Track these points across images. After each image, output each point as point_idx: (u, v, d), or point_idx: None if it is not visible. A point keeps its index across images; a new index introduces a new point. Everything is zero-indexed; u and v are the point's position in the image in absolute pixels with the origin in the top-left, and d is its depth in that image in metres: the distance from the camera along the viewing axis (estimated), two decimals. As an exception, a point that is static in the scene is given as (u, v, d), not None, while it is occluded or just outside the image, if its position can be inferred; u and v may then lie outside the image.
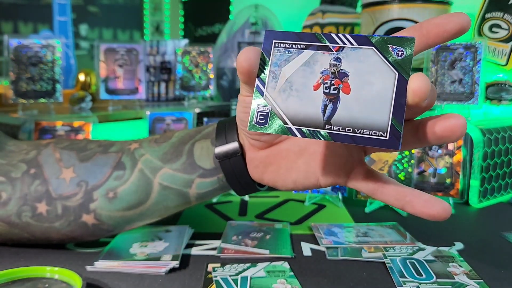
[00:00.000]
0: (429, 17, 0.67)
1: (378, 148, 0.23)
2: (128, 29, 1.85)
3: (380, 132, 0.22)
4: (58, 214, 0.37)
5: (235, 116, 0.36)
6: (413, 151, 0.54)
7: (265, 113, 0.24)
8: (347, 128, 0.23)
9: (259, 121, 0.24)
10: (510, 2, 0.68)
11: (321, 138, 0.23)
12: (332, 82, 0.23)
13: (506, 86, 0.67)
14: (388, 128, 0.22)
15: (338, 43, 0.23)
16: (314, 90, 0.24)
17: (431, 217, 0.25)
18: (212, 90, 0.85)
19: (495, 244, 0.43)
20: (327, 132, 0.23)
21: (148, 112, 0.67)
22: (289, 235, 0.44)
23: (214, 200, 0.57)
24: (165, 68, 0.92)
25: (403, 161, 0.55)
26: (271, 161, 0.32)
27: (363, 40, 0.23)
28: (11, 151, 0.40)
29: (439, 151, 0.55)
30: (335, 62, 0.23)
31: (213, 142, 0.36)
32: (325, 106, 0.23)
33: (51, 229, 0.38)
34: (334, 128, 0.23)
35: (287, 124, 0.24)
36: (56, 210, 0.37)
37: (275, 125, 0.24)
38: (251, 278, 0.34)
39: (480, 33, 0.72)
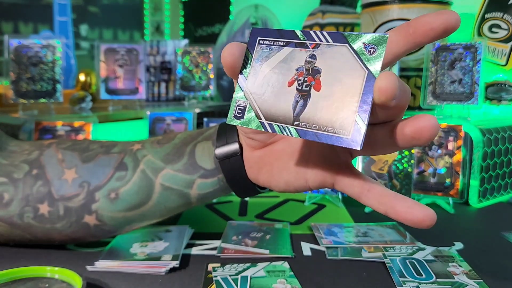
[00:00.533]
0: (429, 17, 0.67)
1: (340, 147, 0.22)
2: (128, 29, 1.85)
3: (344, 131, 0.22)
4: (60, 215, 0.37)
5: None
6: (412, 150, 0.54)
7: (243, 107, 0.25)
8: (313, 125, 0.23)
9: (237, 114, 0.25)
10: (510, 2, 0.68)
11: (290, 134, 0.23)
12: (305, 78, 0.23)
13: (506, 86, 0.67)
14: (351, 126, 0.22)
15: (315, 40, 0.23)
16: (288, 86, 0.24)
17: (413, 223, 0.24)
18: (212, 90, 0.85)
19: (495, 244, 0.43)
20: (295, 128, 0.23)
21: (148, 112, 0.67)
22: (289, 235, 0.44)
23: (214, 200, 0.57)
24: (165, 68, 0.92)
25: (403, 161, 0.55)
26: (265, 162, 0.33)
27: (338, 37, 0.23)
28: (13, 152, 0.40)
29: (439, 151, 0.55)
30: (310, 59, 0.23)
31: (214, 143, 0.36)
32: (297, 102, 0.23)
33: (53, 230, 0.38)
34: (302, 124, 0.23)
35: (261, 119, 0.24)
36: (58, 211, 0.37)
37: (250, 120, 0.25)
38: (251, 278, 0.35)
39: (479, 33, 0.72)
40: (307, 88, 0.23)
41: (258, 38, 0.25)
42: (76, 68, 1.04)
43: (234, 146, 0.34)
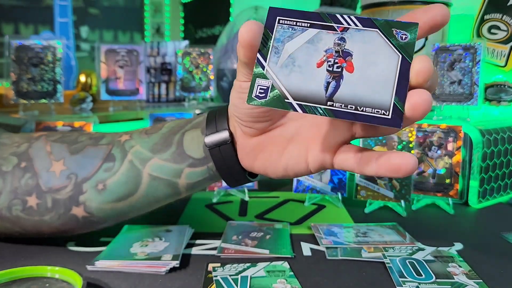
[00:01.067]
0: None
1: (379, 126, 0.23)
2: (129, 30, 1.85)
3: (383, 111, 0.22)
4: (48, 207, 0.37)
5: (225, 105, 0.35)
6: (412, 151, 0.54)
7: (265, 87, 0.24)
8: (349, 106, 0.23)
9: (259, 94, 0.24)
10: (509, 4, 0.68)
11: (323, 114, 0.23)
12: (336, 60, 0.24)
13: (505, 87, 0.67)
14: (390, 107, 0.22)
15: (343, 24, 0.24)
16: (317, 67, 0.24)
17: (391, 171, 0.25)
18: (212, 91, 0.85)
19: (494, 244, 0.43)
20: (329, 108, 0.23)
21: (148, 113, 0.68)
22: (289, 235, 0.44)
23: (214, 200, 0.57)
24: (166, 69, 0.92)
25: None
26: (262, 148, 0.32)
27: (367, 23, 0.23)
28: (3, 144, 0.40)
29: (439, 151, 0.55)
30: (339, 41, 0.24)
31: (203, 131, 0.36)
32: (328, 83, 0.23)
33: (41, 222, 0.38)
34: (336, 105, 0.23)
35: (288, 99, 0.24)
36: (46, 203, 0.37)
37: (275, 99, 0.24)
38: (251, 277, 0.35)
39: (479, 34, 0.72)
40: (339, 70, 0.23)
41: (278, 17, 0.25)
42: (77, 69, 1.04)
43: (224, 134, 0.34)
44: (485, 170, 0.56)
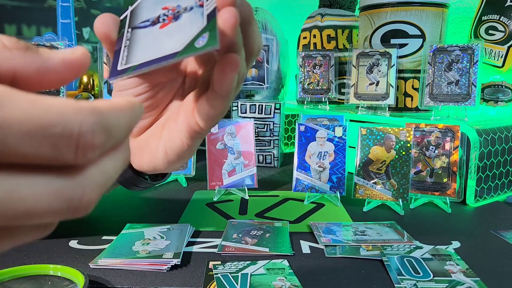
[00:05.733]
0: (426, 19, 0.68)
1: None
2: (129, 31, 1.85)
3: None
4: None
5: None
6: (410, 151, 0.55)
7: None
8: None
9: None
10: (506, 5, 0.69)
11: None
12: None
13: (503, 87, 0.67)
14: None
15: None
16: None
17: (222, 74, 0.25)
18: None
19: (491, 242, 0.44)
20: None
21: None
22: (289, 234, 0.45)
23: (215, 199, 0.57)
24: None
25: (400, 161, 0.56)
26: (145, 145, 0.33)
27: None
28: None
29: (436, 151, 0.56)
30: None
31: None
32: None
33: None
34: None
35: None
36: None
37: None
38: (251, 275, 0.35)
39: (477, 35, 0.73)
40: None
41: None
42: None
43: None
44: (482, 170, 0.57)
